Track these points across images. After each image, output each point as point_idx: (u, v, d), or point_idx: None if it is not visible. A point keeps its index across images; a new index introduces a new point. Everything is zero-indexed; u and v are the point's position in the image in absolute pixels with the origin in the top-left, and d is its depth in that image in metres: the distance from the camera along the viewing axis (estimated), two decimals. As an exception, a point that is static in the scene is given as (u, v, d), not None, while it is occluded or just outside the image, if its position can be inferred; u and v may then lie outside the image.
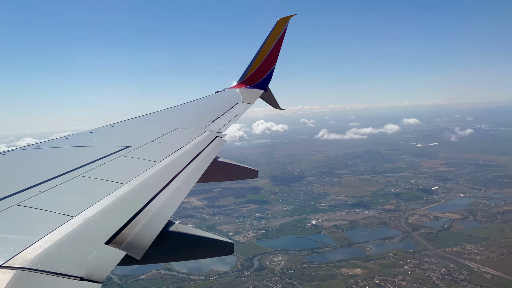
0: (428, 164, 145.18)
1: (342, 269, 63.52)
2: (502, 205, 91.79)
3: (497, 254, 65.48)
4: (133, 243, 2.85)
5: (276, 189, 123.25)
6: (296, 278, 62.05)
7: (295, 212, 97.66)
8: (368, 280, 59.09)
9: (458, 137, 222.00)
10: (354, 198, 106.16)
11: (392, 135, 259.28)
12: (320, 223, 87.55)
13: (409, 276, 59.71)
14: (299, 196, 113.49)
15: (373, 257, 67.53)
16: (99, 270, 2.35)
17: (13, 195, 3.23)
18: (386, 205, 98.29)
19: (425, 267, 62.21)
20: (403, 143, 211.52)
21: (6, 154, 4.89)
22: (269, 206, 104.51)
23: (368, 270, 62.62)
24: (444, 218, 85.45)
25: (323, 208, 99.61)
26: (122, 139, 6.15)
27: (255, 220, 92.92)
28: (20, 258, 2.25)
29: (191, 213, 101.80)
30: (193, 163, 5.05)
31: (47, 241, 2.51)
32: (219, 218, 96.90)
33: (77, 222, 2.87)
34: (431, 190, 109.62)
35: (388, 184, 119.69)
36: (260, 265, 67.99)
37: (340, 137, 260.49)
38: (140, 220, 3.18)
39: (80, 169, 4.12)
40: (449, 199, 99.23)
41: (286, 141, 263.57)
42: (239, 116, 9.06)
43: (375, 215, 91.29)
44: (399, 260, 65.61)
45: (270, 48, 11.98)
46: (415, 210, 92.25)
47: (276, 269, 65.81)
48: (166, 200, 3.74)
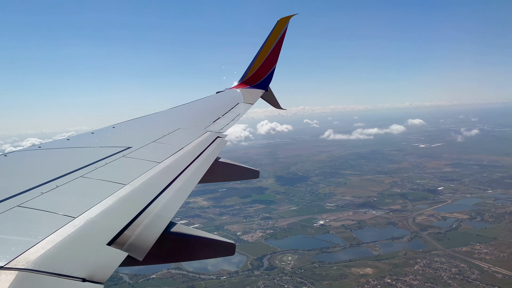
0: (433, 165, 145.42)
1: (352, 269, 63.71)
2: (509, 205, 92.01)
3: (507, 254, 65.69)
4: (135, 244, 2.85)
5: (282, 189, 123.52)
6: (307, 277, 62.22)
7: (302, 212, 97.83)
8: (380, 280, 59.26)
9: (461, 138, 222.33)
10: (361, 198, 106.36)
11: (396, 136, 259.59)
12: (327, 223, 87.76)
13: (420, 275, 59.91)
14: (305, 196, 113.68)
15: (383, 257, 67.70)
16: (101, 271, 2.35)
17: (15, 196, 3.21)
18: (393, 205, 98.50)
19: (435, 267, 62.39)
20: (406, 143, 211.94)
21: (8, 155, 4.88)
22: (276, 206, 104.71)
23: (378, 269, 62.81)
24: (451, 218, 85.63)
25: (330, 208, 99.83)
26: (123, 139, 6.14)
27: (262, 220, 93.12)
28: (22, 259, 2.24)
29: (198, 213, 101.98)
30: (195, 164, 5.03)
31: (49, 242, 2.50)
32: (226, 218, 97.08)
33: (79, 223, 2.85)
34: (437, 190, 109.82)
35: (393, 184, 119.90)
36: (270, 264, 68.18)
37: (346, 138, 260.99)
38: (142, 221, 3.18)
39: (81, 170, 4.10)
40: (456, 200, 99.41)
41: (289, 142, 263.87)
42: (240, 116, 9.00)
43: (382, 215, 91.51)
44: (409, 259, 65.80)
45: (271, 48, 11.91)
46: (422, 210, 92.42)
47: (286, 269, 65.99)
48: (167, 201, 3.73)
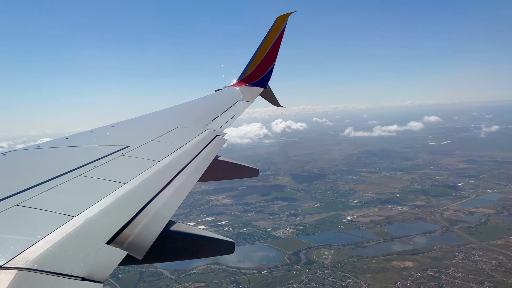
0: (447, 162, 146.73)
1: (392, 262, 64.65)
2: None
3: (542, 246, 66.79)
4: (134, 243, 2.87)
5: (301, 186, 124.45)
6: (349, 271, 63.09)
7: (327, 208, 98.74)
8: (422, 272, 60.21)
9: (470, 135, 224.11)
10: (383, 195, 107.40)
11: (403, 134, 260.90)
12: (356, 219, 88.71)
13: (461, 267, 60.89)
14: (326, 193, 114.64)
15: (419, 251, 68.71)
16: (101, 270, 2.36)
17: (14, 196, 3.21)
18: (417, 201, 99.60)
19: (474, 260, 63.42)
20: (415, 141, 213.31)
21: (7, 154, 4.89)
22: (299, 203, 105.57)
23: (418, 262, 63.77)
24: (478, 213, 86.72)
25: (354, 204, 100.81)
26: (122, 138, 6.17)
27: (289, 217, 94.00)
28: (21, 259, 2.24)
29: (222, 210, 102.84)
30: (194, 162, 5.04)
31: (48, 241, 2.50)
32: (251, 215, 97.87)
33: (78, 222, 2.86)
34: (457, 186, 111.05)
35: (412, 181, 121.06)
36: (307, 259, 69.04)
37: (368, 135, 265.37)
38: (141, 220, 3.19)
39: (80, 169, 4.11)
40: (478, 195, 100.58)
41: (297, 140, 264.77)
42: (239, 114, 8.97)
43: (408, 210, 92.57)
44: (447, 253, 66.80)
45: (270, 45, 11.84)
46: (447, 206, 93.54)
47: (326, 263, 66.85)
48: (167, 200, 3.74)
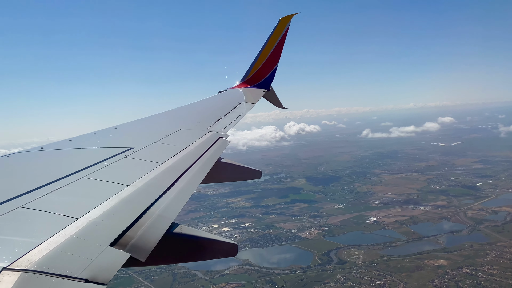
0: (461, 162, 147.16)
1: (425, 261, 64.96)
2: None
3: None
4: (137, 245, 2.88)
5: (317, 189, 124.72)
6: (383, 270, 63.39)
7: (349, 210, 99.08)
8: (458, 270, 60.55)
9: (480, 136, 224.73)
10: (402, 196, 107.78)
11: (411, 136, 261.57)
12: (380, 220, 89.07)
13: (496, 265, 61.24)
14: (345, 194, 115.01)
15: (450, 249, 69.03)
16: (104, 272, 2.37)
17: (17, 197, 3.23)
18: (438, 201, 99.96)
19: (508, 257, 63.80)
20: (425, 143, 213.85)
21: (10, 156, 4.91)
22: (319, 205, 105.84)
23: (452, 261, 64.09)
24: (502, 212, 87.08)
25: (376, 205, 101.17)
26: (125, 140, 6.22)
27: (312, 218, 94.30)
28: (25, 260, 2.25)
29: (243, 212, 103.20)
30: (197, 164, 5.07)
31: (51, 243, 2.51)
32: (273, 217, 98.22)
33: (81, 224, 2.88)
34: (475, 186, 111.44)
35: (430, 181, 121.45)
36: (339, 259, 69.35)
37: (387, 136, 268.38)
38: (144, 222, 3.22)
39: (83, 171, 4.13)
40: (499, 194, 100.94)
41: (304, 143, 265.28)
42: (242, 116, 9.00)
43: (431, 210, 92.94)
44: (478, 251, 67.13)
45: (273, 47, 11.85)
46: (469, 205, 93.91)
47: (358, 263, 67.15)
48: (170, 202, 3.76)
